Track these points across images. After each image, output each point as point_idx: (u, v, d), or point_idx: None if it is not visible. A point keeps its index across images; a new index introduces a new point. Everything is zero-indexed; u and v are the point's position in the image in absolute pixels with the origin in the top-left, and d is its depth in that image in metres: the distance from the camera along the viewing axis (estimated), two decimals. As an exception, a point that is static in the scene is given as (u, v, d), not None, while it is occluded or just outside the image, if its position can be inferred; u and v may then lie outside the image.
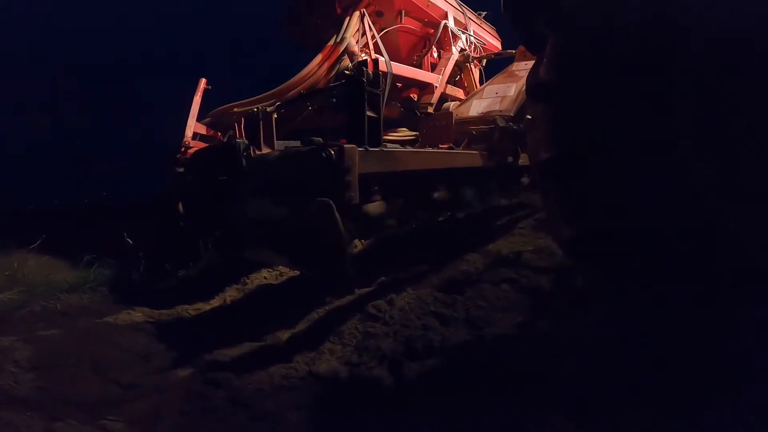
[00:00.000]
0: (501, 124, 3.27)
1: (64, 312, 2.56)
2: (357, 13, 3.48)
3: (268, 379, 1.79)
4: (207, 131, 3.16)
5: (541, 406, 1.35)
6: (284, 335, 2.17)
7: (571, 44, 1.11)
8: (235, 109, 2.99)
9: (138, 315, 2.54)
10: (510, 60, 4.37)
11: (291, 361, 1.92)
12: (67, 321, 2.41)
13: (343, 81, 2.23)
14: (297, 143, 2.72)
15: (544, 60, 1.18)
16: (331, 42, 3.35)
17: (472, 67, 4.54)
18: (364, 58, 3.31)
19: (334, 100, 2.38)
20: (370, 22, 3.53)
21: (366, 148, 1.97)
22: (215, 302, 2.70)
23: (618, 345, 1.41)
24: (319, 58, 3.26)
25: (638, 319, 1.31)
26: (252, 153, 2.25)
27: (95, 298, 2.85)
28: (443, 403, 1.48)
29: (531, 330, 1.92)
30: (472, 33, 4.54)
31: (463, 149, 3.19)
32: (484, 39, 4.91)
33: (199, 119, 3.15)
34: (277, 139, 2.46)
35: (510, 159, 3.37)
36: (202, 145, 3.05)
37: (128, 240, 3.29)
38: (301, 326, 2.24)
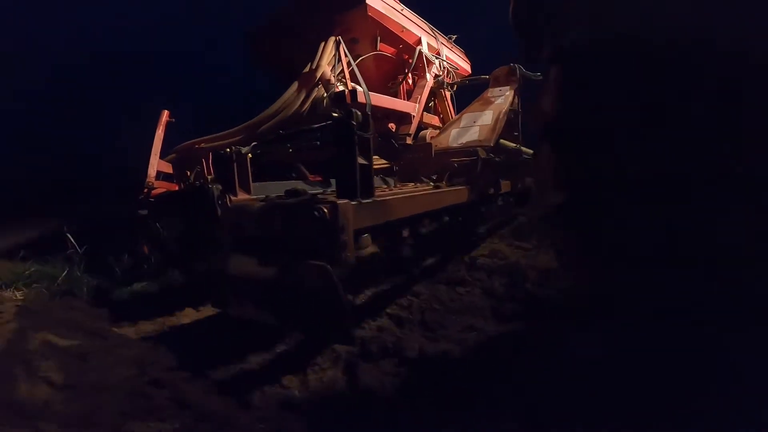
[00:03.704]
0: (482, 156, 3.22)
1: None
2: (332, 40, 3.33)
3: (216, 379, 1.71)
4: (172, 169, 2.87)
5: (490, 408, 1.40)
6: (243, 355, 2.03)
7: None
8: (203, 145, 2.74)
9: (77, 314, 2.35)
10: (484, 85, 4.37)
11: (242, 363, 1.87)
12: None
13: (329, 122, 2.05)
14: (274, 184, 2.52)
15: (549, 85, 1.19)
16: (306, 70, 3.17)
17: (446, 92, 4.51)
18: (341, 87, 3.16)
19: (318, 143, 2.19)
20: (345, 49, 3.38)
21: (360, 201, 1.81)
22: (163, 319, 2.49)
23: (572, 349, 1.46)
24: (294, 87, 3.07)
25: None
26: (228, 200, 2.04)
27: (30, 295, 2.64)
28: (395, 405, 1.50)
29: (482, 332, 2.00)
30: (444, 58, 4.51)
31: (445, 182, 3.10)
32: (456, 63, 4.91)
33: (162, 155, 2.87)
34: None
35: (491, 191, 3.34)
36: (166, 185, 2.77)
37: (68, 236, 3.09)
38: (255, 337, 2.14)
